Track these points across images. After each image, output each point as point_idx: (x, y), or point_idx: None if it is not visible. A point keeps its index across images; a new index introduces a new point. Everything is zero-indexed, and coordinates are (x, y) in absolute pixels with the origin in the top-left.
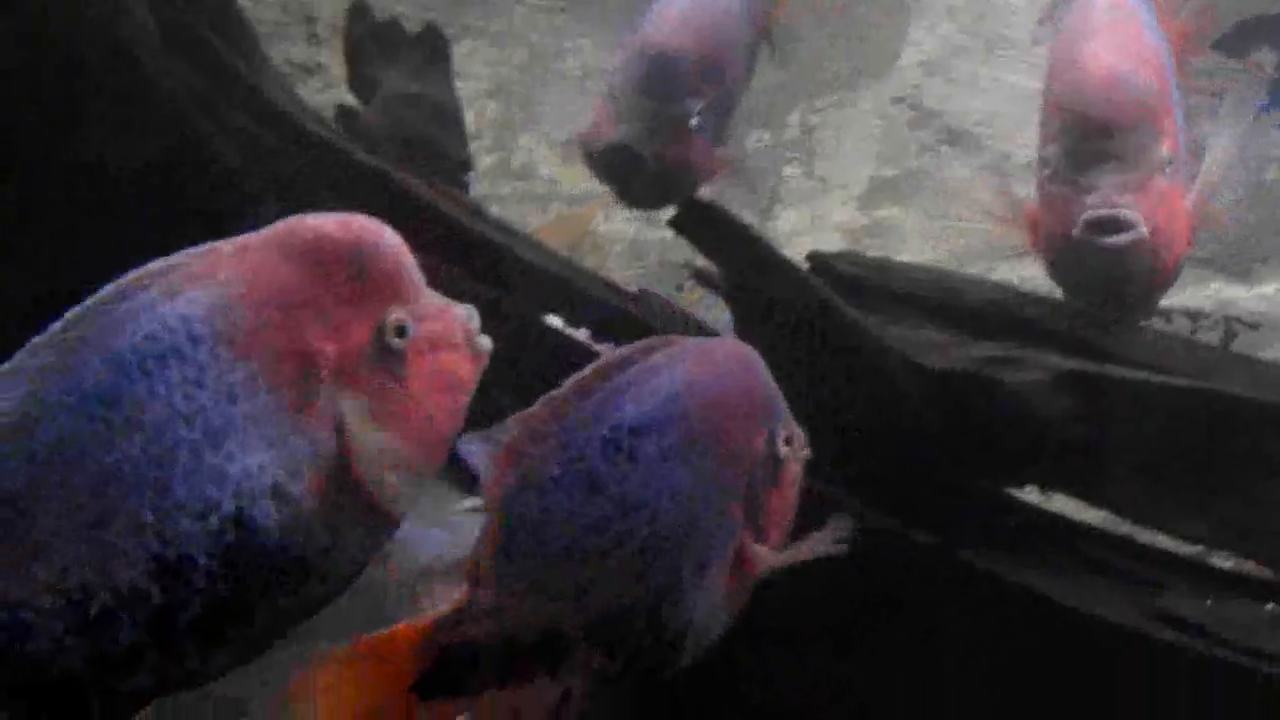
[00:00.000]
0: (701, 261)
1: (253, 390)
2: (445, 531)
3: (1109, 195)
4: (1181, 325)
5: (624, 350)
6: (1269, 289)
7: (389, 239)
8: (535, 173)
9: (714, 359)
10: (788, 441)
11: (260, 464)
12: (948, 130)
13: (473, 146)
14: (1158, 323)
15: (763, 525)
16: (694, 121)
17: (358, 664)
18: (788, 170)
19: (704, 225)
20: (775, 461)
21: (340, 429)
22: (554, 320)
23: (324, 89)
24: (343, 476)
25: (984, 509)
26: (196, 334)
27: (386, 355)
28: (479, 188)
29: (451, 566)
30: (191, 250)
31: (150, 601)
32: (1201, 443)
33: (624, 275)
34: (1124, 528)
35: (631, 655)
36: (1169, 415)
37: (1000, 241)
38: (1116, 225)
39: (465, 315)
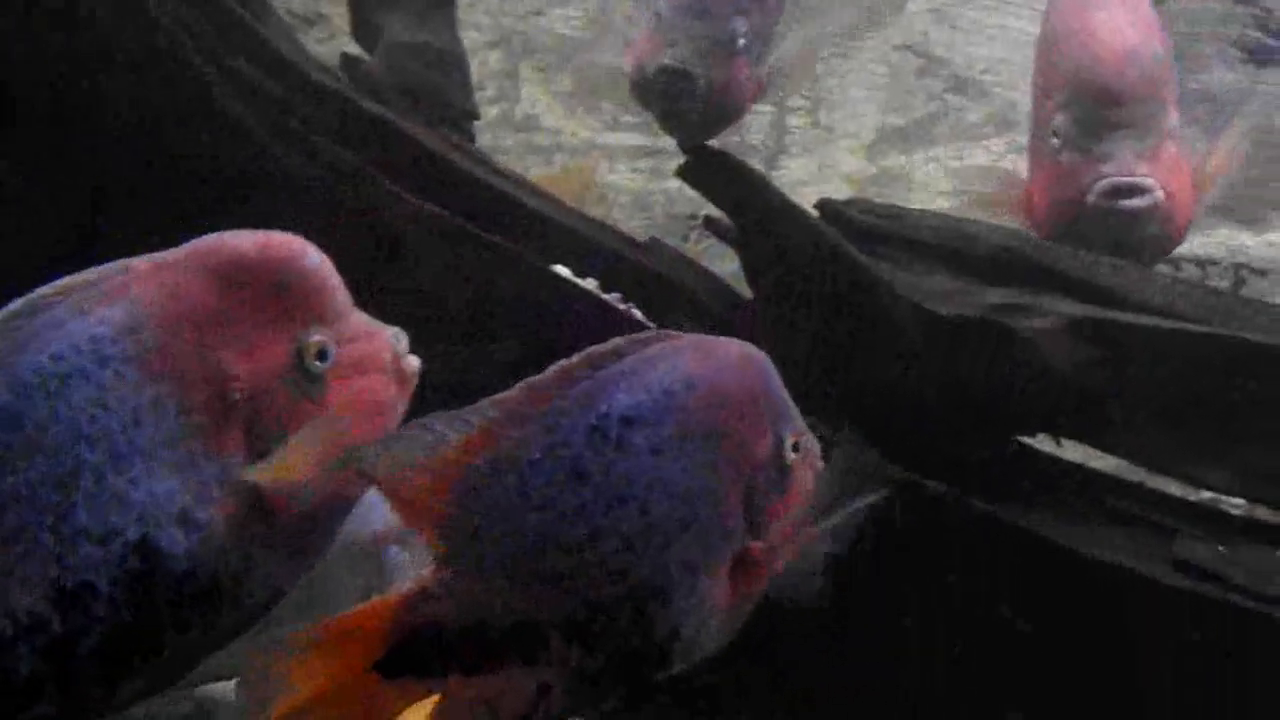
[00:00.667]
0: (711, 211)
1: (161, 413)
2: None
3: (1126, 163)
4: (1191, 273)
5: (618, 341)
6: (1278, 236)
7: (312, 259)
8: (538, 124)
9: (717, 355)
10: (796, 448)
11: (167, 489)
12: (955, 78)
13: (476, 97)
14: (1166, 270)
15: (768, 534)
16: (741, 43)
17: (324, 644)
18: (793, 119)
19: (713, 173)
20: (782, 467)
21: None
22: (562, 270)
23: (326, 39)
24: (256, 503)
25: (996, 458)
26: (104, 354)
27: (306, 379)
28: (482, 139)
29: (402, 535)
30: (105, 266)
31: (50, 629)
32: (1217, 389)
33: (630, 227)
34: (1136, 475)
35: (613, 653)
36: (1183, 361)
37: (995, 219)
38: (1134, 192)
39: (393, 337)
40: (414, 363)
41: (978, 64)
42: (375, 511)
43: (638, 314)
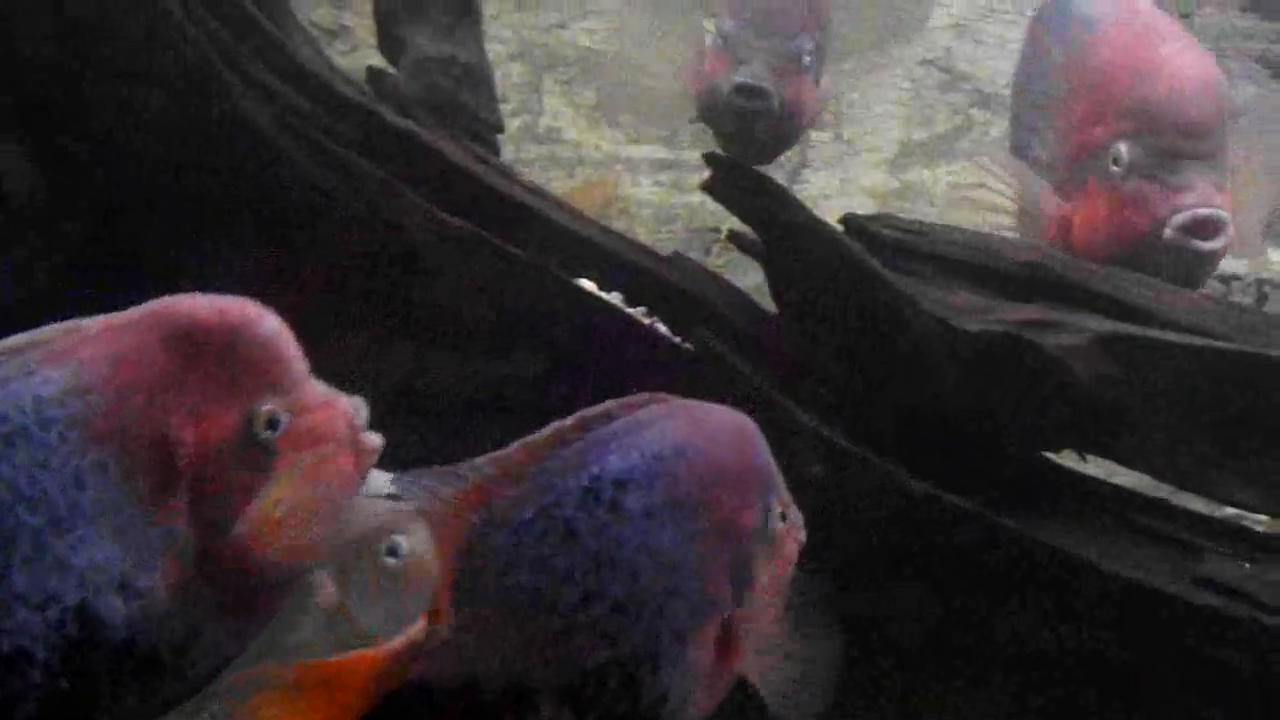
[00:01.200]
0: (734, 224)
1: (104, 477)
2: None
3: (1207, 195)
4: (1214, 289)
5: (608, 404)
6: None
7: (267, 325)
8: (561, 137)
9: (707, 421)
10: (783, 518)
11: (108, 555)
12: (978, 93)
13: (500, 110)
14: None
15: (753, 604)
16: (806, 60)
17: (307, 691)
18: (815, 133)
19: (737, 187)
20: (768, 537)
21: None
22: (587, 284)
23: (349, 51)
24: (201, 571)
25: (1021, 474)
26: (48, 416)
27: (256, 448)
28: (505, 152)
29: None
30: (54, 326)
31: None
32: (1242, 405)
33: (652, 240)
34: (1161, 491)
35: (602, 719)
36: (1209, 378)
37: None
38: (1211, 225)
39: (351, 408)
40: (375, 440)
41: (1000, 79)
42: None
43: (663, 328)
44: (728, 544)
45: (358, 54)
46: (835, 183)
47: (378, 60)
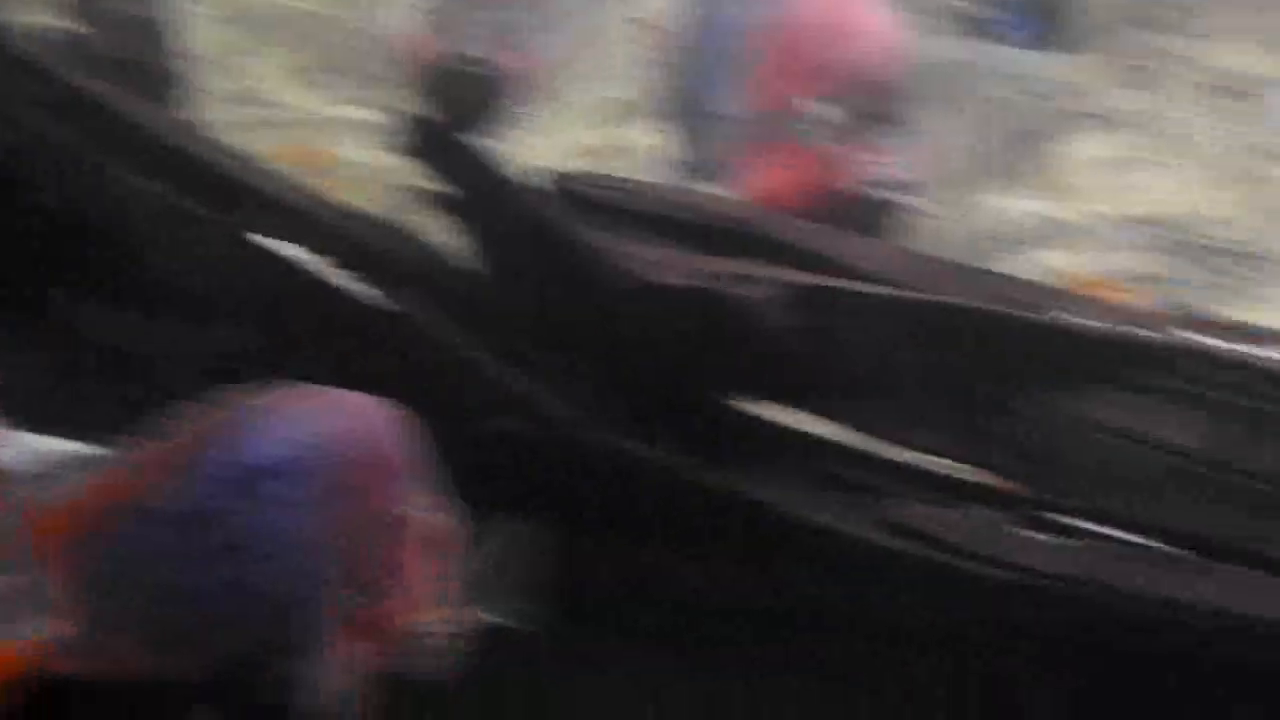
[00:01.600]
0: (437, 186)
1: None
2: None
3: (895, 152)
4: None
5: (253, 394)
6: (1004, 204)
7: None
8: (270, 98)
9: (344, 410)
10: (420, 506)
11: None
12: None
13: (207, 71)
14: None
15: (390, 592)
16: (521, 29)
17: None
18: None
19: (438, 149)
20: (404, 525)
21: None
22: (292, 249)
23: (29, 9)
24: None
25: (714, 426)
26: None
27: None
28: (212, 114)
29: None
30: None
31: None
32: (934, 355)
33: (360, 202)
34: (853, 440)
35: (242, 713)
36: (902, 328)
37: None
38: (899, 182)
39: None
40: None
41: None
42: None
43: (372, 294)
44: (364, 533)
45: (36, 15)
46: (542, 141)
47: (62, 20)
